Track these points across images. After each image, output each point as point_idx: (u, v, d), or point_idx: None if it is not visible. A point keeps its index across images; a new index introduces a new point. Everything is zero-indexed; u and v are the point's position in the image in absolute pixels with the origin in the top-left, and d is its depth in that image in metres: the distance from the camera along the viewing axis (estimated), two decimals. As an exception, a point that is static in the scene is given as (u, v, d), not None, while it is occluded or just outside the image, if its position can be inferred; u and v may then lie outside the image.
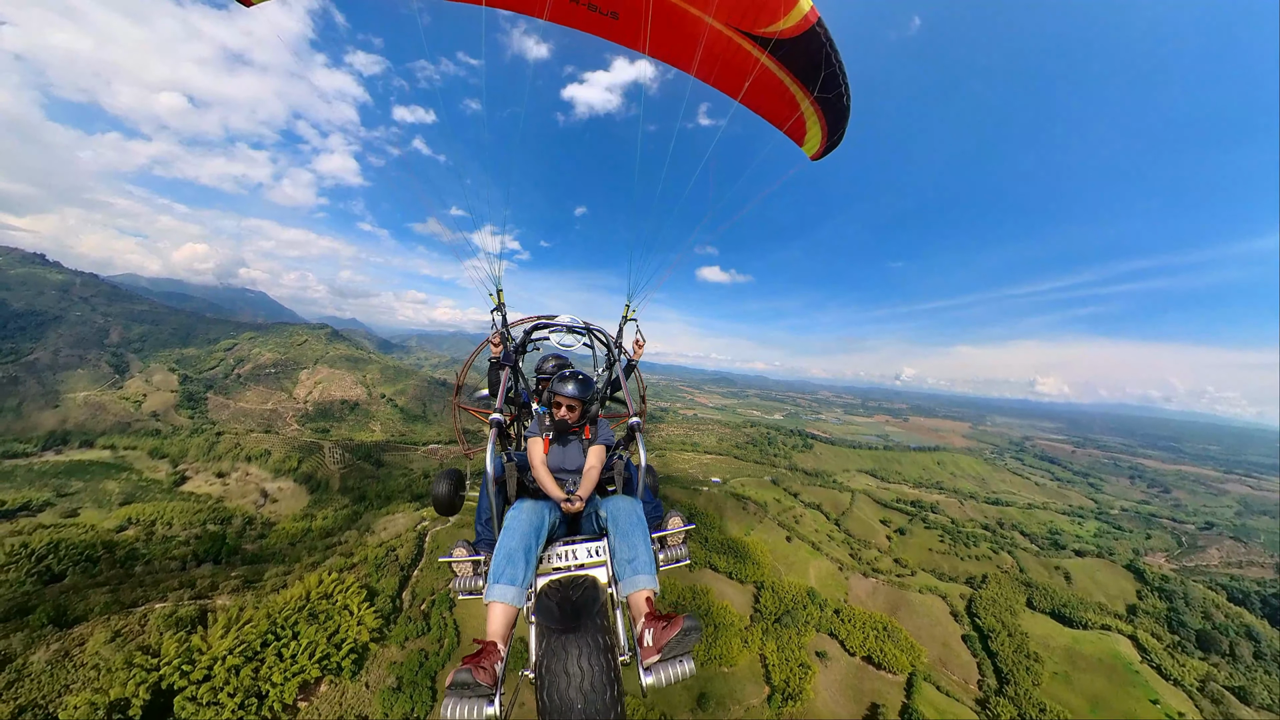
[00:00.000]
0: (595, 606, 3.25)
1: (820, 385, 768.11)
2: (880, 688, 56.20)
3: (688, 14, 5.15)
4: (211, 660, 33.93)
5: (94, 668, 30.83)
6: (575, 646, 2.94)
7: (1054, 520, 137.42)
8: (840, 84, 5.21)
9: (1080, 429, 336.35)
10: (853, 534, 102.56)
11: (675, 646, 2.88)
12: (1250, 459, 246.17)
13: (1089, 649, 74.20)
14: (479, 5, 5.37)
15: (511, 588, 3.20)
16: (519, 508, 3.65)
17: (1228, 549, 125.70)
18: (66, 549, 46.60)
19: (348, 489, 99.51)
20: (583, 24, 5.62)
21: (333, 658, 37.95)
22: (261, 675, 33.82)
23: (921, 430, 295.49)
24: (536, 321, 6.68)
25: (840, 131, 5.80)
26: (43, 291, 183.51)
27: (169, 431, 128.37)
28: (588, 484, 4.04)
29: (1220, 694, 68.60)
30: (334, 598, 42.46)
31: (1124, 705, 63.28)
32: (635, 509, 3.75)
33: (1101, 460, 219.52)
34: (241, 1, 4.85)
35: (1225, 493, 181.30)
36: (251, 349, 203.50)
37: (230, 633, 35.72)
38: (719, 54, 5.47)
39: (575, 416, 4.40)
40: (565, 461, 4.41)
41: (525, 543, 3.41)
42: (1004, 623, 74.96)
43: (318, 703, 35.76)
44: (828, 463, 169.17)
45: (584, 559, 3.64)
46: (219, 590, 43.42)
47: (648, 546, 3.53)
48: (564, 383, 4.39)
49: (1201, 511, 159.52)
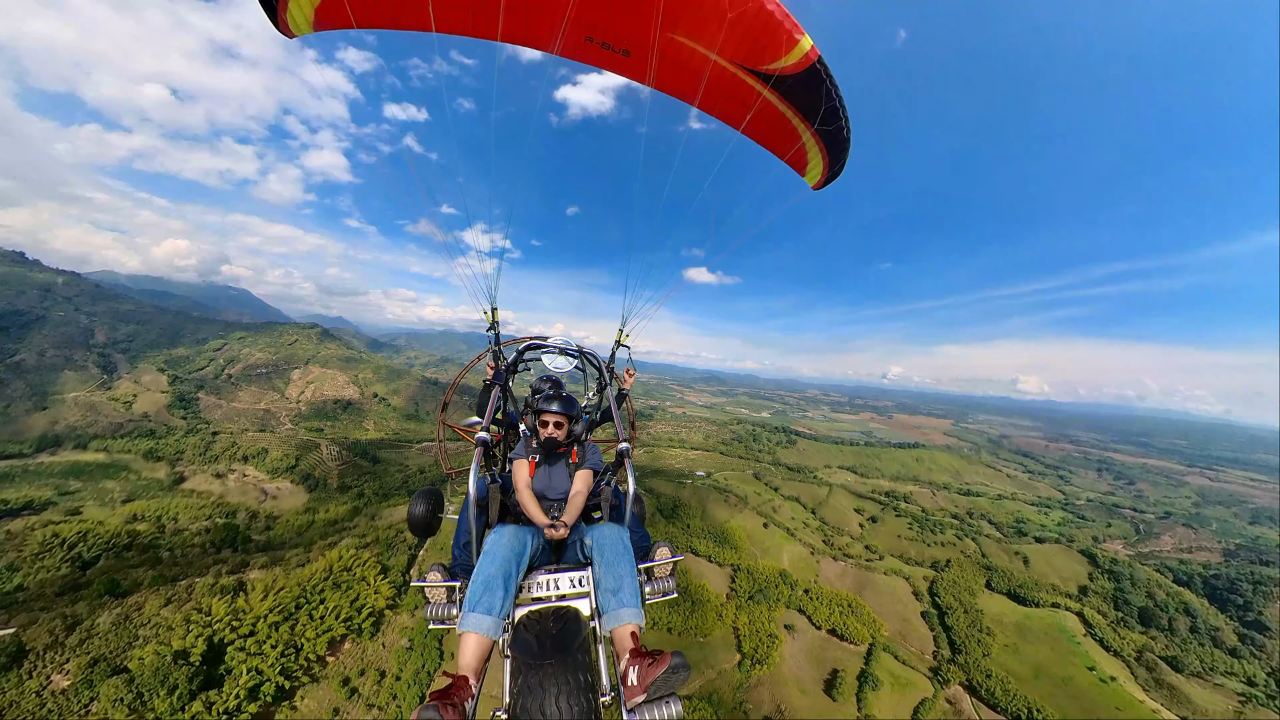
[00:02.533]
0: (576, 641, 3.09)
1: (810, 384, 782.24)
2: (842, 656, 62.75)
3: (695, 52, 5.36)
4: (254, 619, 39.58)
5: (154, 626, 36.17)
6: (554, 684, 2.76)
7: (1021, 510, 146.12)
8: (840, 117, 5.39)
9: (1057, 426, 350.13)
10: (827, 522, 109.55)
11: (661, 686, 2.70)
12: (1214, 453, 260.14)
13: (1037, 624, 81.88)
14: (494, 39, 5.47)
15: (488, 617, 3.01)
16: (500, 532, 3.54)
17: (1180, 535, 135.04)
18: (93, 538, 51.03)
19: (346, 486, 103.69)
20: (595, 60, 5.78)
21: (355, 620, 43.94)
22: (297, 632, 39.72)
23: (905, 427, 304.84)
24: (529, 341, 6.77)
25: (841, 163, 5.99)
26: (23, 291, 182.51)
27: (164, 432, 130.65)
28: (573, 510, 3.93)
29: (1154, 663, 76.59)
30: (353, 570, 48.03)
31: (1064, 672, 70.76)
32: (622, 537, 3.66)
33: (1073, 454, 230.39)
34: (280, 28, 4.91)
35: (1186, 484, 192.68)
36: (242, 349, 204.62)
37: (268, 597, 41.40)
38: (723, 89, 5.66)
39: (563, 435, 4.36)
40: (551, 486, 4.30)
41: (505, 569, 3.26)
42: (961, 601, 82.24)
43: (343, 657, 41.92)
44: (810, 458, 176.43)
45: (566, 589, 3.51)
46: (249, 567, 48.60)
47: (634, 578, 3.43)
48: (549, 400, 4.38)
49: (1162, 502, 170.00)
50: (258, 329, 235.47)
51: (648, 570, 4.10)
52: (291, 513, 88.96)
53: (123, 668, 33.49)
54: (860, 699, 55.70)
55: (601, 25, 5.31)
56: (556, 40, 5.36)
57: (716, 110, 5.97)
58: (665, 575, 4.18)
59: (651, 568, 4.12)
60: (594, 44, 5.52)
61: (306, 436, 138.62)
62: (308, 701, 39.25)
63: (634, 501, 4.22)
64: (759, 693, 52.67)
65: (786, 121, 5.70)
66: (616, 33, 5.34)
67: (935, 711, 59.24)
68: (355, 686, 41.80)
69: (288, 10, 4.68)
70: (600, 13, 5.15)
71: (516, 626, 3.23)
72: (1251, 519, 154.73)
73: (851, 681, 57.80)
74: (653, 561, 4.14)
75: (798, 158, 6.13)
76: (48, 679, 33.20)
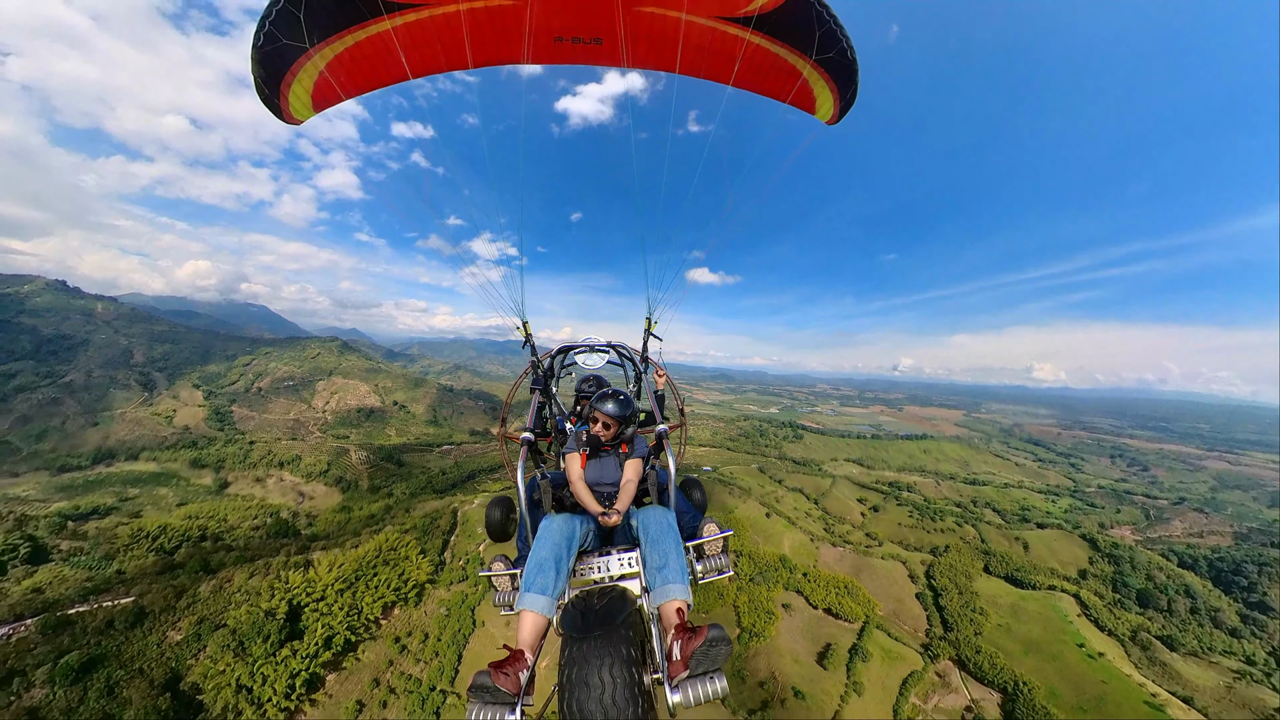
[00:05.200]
0: (621, 616, 3.18)
1: (818, 378, 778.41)
2: (835, 633, 67.69)
3: (666, 18, 5.20)
4: (323, 587, 48.30)
5: (244, 593, 44.44)
6: (598, 656, 2.83)
7: (1028, 498, 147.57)
8: (839, 39, 5.12)
9: (1073, 413, 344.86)
10: (830, 512, 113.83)
11: (702, 660, 2.70)
12: (1237, 436, 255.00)
13: (1032, 605, 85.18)
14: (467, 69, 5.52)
15: (542, 597, 3.20)
16: (550, 520, 3.72)
17: (1190, 520, 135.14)
18: (171, 532, 59.43)
19: (376, 486, 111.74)
20: (569, 57, 5.73)
21: (402, 590, 52.13)
22: (357, 598, 48.01)
23: (915, 419, 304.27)
24: (560, 346, 6.88)
25: (852, 89, 5.62)
26: (68, 317, 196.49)
27: (205, 443, 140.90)
28: (625, 498, 4.04)
29: (1149, 641, 79.41)
30: (398, 550, 56.01)
31: (1054, 649, 74.25)
32: (666, 517, 3.76)
33: (1086, 442, 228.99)
34: (285, 119, 5.40)
35: (1203, 469, 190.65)
36: (269, 363, 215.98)
37: (332, 571, 49.81)
38: (704, 46, 5.48)
39: (610, 434, 4.47)
40: (603, 476, 4.42)
41: (556, 553, 3.44)
42: (957, 584, 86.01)
43: (394, 620, 50.23)
44: (816, 452, 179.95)
45: (617, 570, 3.68)
46: (310, 549, 56.52)
47: (680, 555, 3.48)
48: (604, 401, 4.48)
49: (1176, 488, 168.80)
50: (281, 344, 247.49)
51: (698, 548, 4.14)
52: (328, 511, 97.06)
53: (223, 624, 41.59)
54: (850, 669, 60.62)
55: (565, 22, 5.33)
56: (525, 50, 5.45)
57: (702, 71, 5.78)
58: (717, 553, 4.20)
59: (702, 545, 4.16)
60: (564, 42, 5.56)
61: (335, 443, 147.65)
62: (368, 654, 47.48)
63: (691, 485, 4.48)
64: (755, 662, 58.16)
65: (780, 61, 5.46)
66: (582, 24, 5.34)
67: (924, 683, 63.78)
68: (405, 644, 50.10)
69: (289, 104, 5.22)
70: (563, 9, 5.19)
71: (566, 606, 3.37)
72: (1270, 503, 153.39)
73: (843, 654, 62.76)
74: (702, 539, 4.18)
75: (803, 96, 5.81)
76: (164, 634, 41.38)
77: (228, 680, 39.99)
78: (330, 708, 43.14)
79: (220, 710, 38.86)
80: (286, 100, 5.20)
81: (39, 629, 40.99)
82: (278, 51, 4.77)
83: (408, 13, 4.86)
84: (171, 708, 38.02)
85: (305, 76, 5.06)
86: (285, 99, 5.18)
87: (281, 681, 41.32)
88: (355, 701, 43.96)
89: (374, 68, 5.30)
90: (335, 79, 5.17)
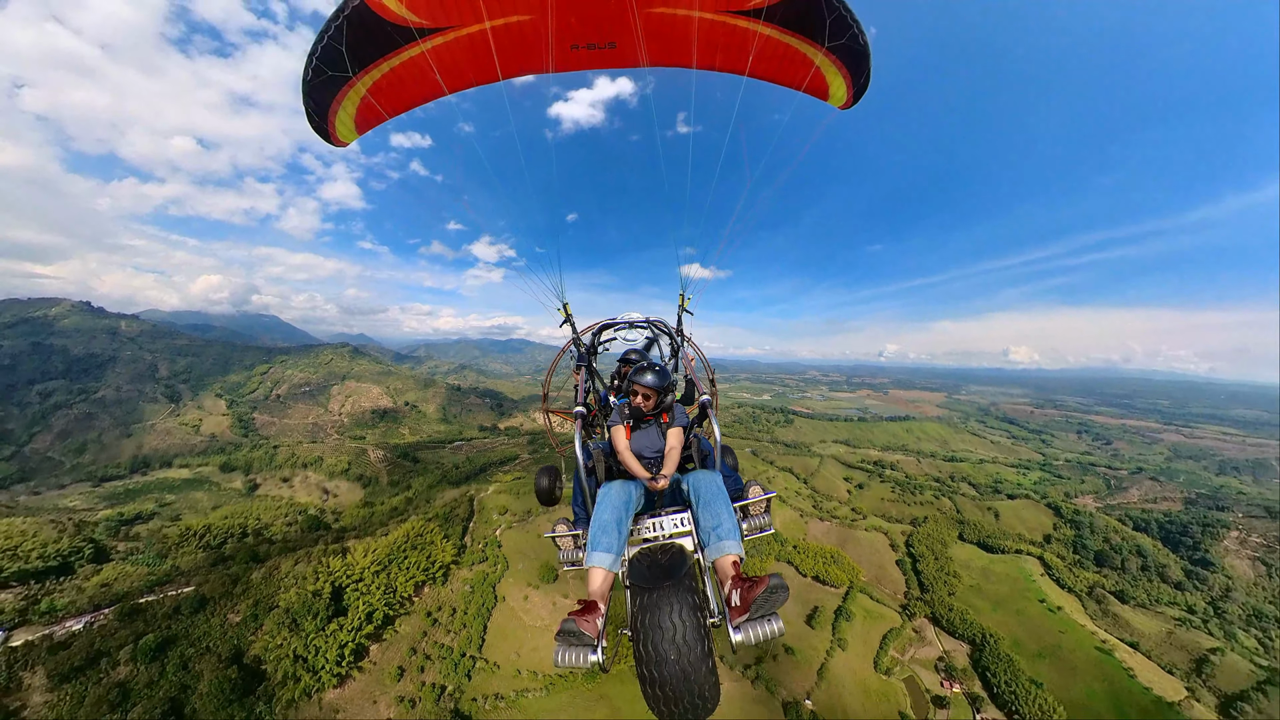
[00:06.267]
0: (683, 569, 3.40)
1: (809, 365, 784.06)
2: (822, 598, 72.10)
3: (677, 17, 5.23)
4: (361, 570, 51.96)
5: (292, 577, 47.91)
6: (667, 603, 3.07)
7: (1000, 472, 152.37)
8: (850, 25, 5.03)
9: (1045, 393, 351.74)
10: (818, 490, 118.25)
11: (763, 605, 2.94)
12: (1192, 411, 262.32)
13: (1000, 568, 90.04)
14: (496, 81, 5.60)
15: (607, 555, 3.46)
16: (609, 486, 3.94)
17: (1146, 488, 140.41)
18: (215, 530, 62.78)
19: (395, 482, 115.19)
20: (587, 64, 5.77)
21: (430, 570, 55.82)
22: (392, 578, 51.59)
23: (899, 402, 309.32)
24: (602, 323, 6.95)
25: (865, 74, 5.56)
26: (95, 336, 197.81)
27: (231, 449, 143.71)
28: (670, 463, 4.21)
29: (1103, 595, 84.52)
30: (424, 536, 59.55)
31: (1018, 605, 79.12)
32: (716, 480, 3.92)
33: (1056, 419, 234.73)
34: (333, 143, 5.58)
35: (1160, 441, 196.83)
36: (285, 371, 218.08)
37: (367, 556, 53.43)
38: (716, 40, 5.45)
39: (651, 405, 4.59)
40: (647, 445, 4.55)
41: (617, 515, 3.67)
42: (933, 551, 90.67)
43: (424, 597, 54.02)
44: (805, 435, 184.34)
45: (670, 530, 3.83)
46: (345, 539, 60.09)
47: (731, 515, 3.65)
48: (642, 373, 4.58)
49: (1135, 459, 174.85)
50: (295, 352, 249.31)
51: (743, 509, 4.41)
52: (353, 506, 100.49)
53: (275, 605, 45.23)
54: (835, 628, 65.07)
55: (580, 31, 5.41)
56: (548, 60, 5.55)
57: (716, 64, 5.77)
58: (760, 512, 4.49)
59: (746, 506, 4.43)
60: (580, 49, 5.61)
61: (353, 444, 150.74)
62: (404, 626, 51.41)
63: (725, 452, 4.62)
64: (747, 625, 62.24)
65: (792, 50, 5.42)
66: (597, 30, 5.41)
67: (902, 638, 68.34)
68: (435, 618, 54.05)
69: (336, 129, 5.50)
70: (577, 20, 5.27)
71: (632, 561, 3.65)
72: (1219, 470, 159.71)
73: (828, 615, 67.20)
74: (748, 499, 4.44)
75: (816, 83, 5.77)
76: (225, 617, 44.98)
77: (286, 652, 43.75)
78: (375, 673, 47.03)
79: (281, 678, 42.60)
80: (334, 125, 5.49)
81: (116, 616, 44.54)
82: (324, 83, 5.06)
83: (436, 37, 5.07)
84: (239, 677, 41.73)
85: (349, 103, 5.35)
86: (333, 124, 5.48)
87: (332, 651, 45.14)
88: (397, 667, 47.86)
89: (411, 88, 5.54)
90: (377, 101, 5.44)
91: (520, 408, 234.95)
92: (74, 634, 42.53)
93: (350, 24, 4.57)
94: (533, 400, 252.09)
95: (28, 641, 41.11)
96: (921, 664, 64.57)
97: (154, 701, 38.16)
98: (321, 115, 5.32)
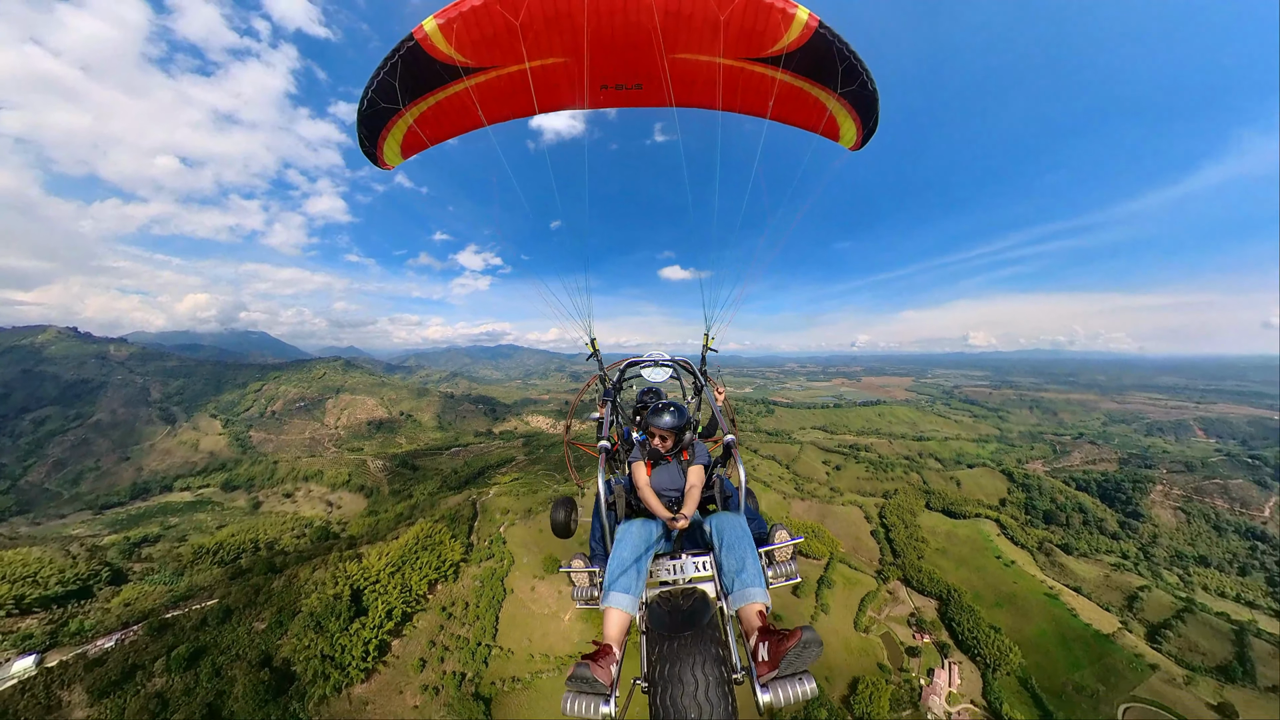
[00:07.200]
0: (706, 617, 3.13)
1: (787, 358, 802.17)
2: (805, 569, 76.20)
3: (701, 63, 5.31)
4: (376, 572, 52.88)
5: (311, 584, 48.83)
6: (689, 655, 2.78)
7: (963, 447, 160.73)
8: (860, 73, 5.15)
9: (1001, 374, 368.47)
10: (799, 474, 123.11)
11: (794, 661, 2.57)
12: (1124, 383, 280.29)
13: (963, 531, 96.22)
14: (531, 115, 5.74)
15: (626, 596, 3.19)
16: (629, 524, 3.70)
17: (1086, 451, 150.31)
18: (227, 546, 62.60)
19: (396, 490, 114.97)
20: (614, 102, 5.96)
21: (442, 569, 57.28)
22: (406, 578, 52.93)
23: (871, 388, 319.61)
24: (628, 362, 6.87)
25: (873, 118, 5.69)
26: (84, 361, 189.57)
27: (232, 467, 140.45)
28: (691, 502, 4.03)
29: (1051, 549, 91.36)
30: (433, 538, 60.88)
31: (978, 563, 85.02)
32: (740, 523, 3.63)
33: (1011, 398, 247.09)
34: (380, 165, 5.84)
35: (1098, 409, 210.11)
36: (279, 387, 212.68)
37: (382, 559, 54.57)
38: (739, 86, 5.56)
39: (669, 446, 4.43)
40: (667, 482, 4.37)
41: (637, 555, 3.42)
42: (903, 520, 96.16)
43: (438, 594, 55.48)
44: (786, 423, 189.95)
45: (691, 573, 3.53)
46: (358, 545, 60.86)
47: (756, 561, 3.37)
48: (658, 415, 4.41)
49: (1076, 425, 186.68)
50: (287, 368, 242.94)
51: (768, 554, 3.98)
52: (358, 516, 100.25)
53: (299, 610, 46.24)
54: (818, 595, 69.23)
55: (611, 72, 5.59)
56: (580, 98, 5.79)
57: (739, 107, 5.91)
58: (786, 559, 4.02)
59: (772, 552, 3.99)
60: (610, 89, 5.81)
61: (352, 456, 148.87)
62: (422, 622, 52.94)
63: (747, 495, 4.21)
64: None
65: (808, 96, 5.59)
66: (626, 73, 5.60)
67: (878, 600, 72.99)
68: (450, 612, 55.53)
69: (384, 154, 5.81)
70: (608, 63, 5.42)
71: (650, 605, 3.35)
72: (1146, 432, 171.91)
73: (812, 584, 71.33)
74: (773, 545, 4.02)
75: (830, 127, 5.93)
76: (251, 625, 45.78)
77: (314, 652, 44.96)
78: (399, 666, 48.60)
79: (311, 676, 43.89)
80: (382, 150, 5.75)
81: (146, 631, 44.96)
82: (377, 113, 5.28)
83: (480, 75, 5.27)
84: (272, 679, 42.86)
85: (397, 131, 5.62)
86: (381, 149, 5.73)
87: (357, 649, 46.54)
88: (418, 659, 49.48)
89: (454, 120, 5.76)
90: (423, 131, 5.72)
91: (513, 412, 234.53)
92: (107, 651, 42.89)
93: (404, 62, 4.84)
94: (525, 404, 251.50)
95: (62, 662, 41.37)
96: (896, 620, 69.36)
97: (193, 707, 39.08)
98: (372, 141, 5.63)
